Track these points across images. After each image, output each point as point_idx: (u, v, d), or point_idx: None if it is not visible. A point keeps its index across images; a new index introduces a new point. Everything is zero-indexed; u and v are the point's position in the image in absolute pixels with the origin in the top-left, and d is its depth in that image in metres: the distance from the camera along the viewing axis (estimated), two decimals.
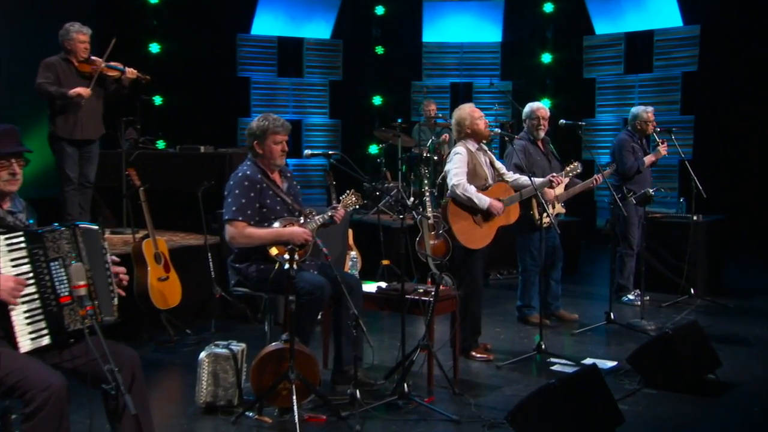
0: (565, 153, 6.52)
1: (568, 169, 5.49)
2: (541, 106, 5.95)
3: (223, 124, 10.76)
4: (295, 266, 3.71)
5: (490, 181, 5.09)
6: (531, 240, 5.79)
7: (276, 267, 4.05)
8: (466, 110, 5.09)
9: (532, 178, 5.11)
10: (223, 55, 10.99)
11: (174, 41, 10.26)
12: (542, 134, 5.92)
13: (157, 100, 10.14)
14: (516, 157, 5.55)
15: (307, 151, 4.52)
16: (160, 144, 9.15)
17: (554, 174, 5.38)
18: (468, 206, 4.90)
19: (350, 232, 6.84)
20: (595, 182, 5.84)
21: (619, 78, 11.15)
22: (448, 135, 8.80)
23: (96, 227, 2.95)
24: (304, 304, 3.98)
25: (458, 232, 4.86)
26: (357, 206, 4.57)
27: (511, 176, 5.26)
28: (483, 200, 4.90)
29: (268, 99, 11.49)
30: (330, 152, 4.57)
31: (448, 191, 4.89)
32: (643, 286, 6.11)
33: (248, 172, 4.24)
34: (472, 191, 4.87)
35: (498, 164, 5.24)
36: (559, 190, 5.67)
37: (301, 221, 4.25)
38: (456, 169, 4.88)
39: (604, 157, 7.17)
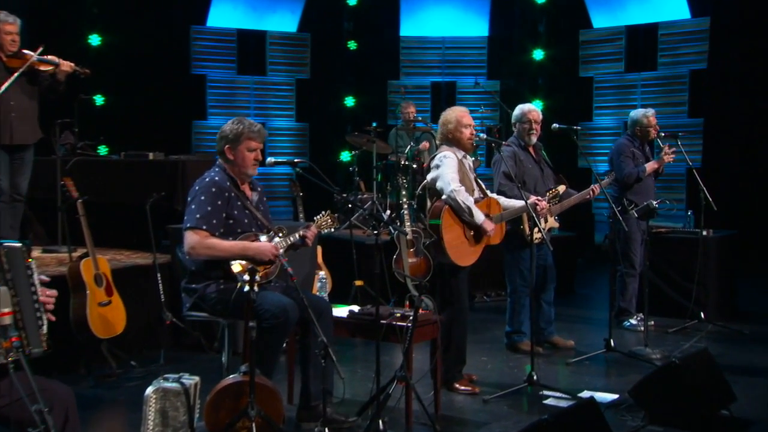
0: (559, 161, 6.58)
1: (549, 195, 5.54)
2: (533, 108, 6.01)
3: (175, 128, 10.73)
4: (256, 288, 3.71)
5: (477, 195, 5.14)
6: (521, 258, 5.83)
7: (238, 286, 4.06)
8: (455, 114, 5.15)
9: (523, 192, 5.16)
10: (175, 50, 10.97)
11: (117, 33, 10.22)
12: (534, 139, 5.98)
13: (99, 99, 10.07)
14: (504, 165, 5.60)
15: (271, 159, 4.53)
16: (102, 150, 9.09)
17: (539, 198, 5.44)
18: (462, 217, 4.94)
19: (319, 249, 6.83)
20: (591, 193, 5.91)
21: (620, 77, 11.29)
22: (428, 142, 8.85)
23: (19, 245, 2.92)
24: (267, 329, 3.98)
25: (448, 244, 4.89)
26: (332, 229, 4.60)
27: (493, 196, 5.33)
28: (479, 214, 4.96)
29: (226, 100, 11.48)
30: (296, 160, 4.59)
31: (444, 197, 4.92)
32: (646, 309, 6.17)
33: (217, 179, 4.27)
34: (471, 202, 4.93)
35: (479, 181, 5.31)
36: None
37: (271, 239, 4.27)
38: (451, 174, 4.93)
39: (603, 165, 7.25)
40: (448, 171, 4.94)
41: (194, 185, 4.31)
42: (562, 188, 5.72)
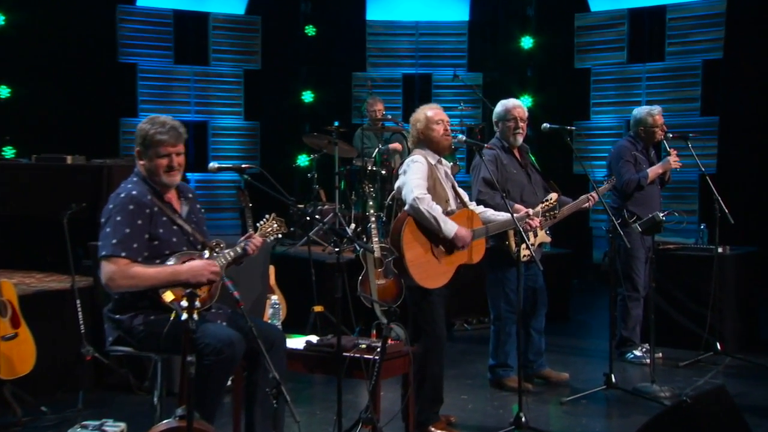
0: (551, 167, 6.63)
1: (543, 207, 5.59)
2: (517, 104, 6.08)
3: (99, 127, 10.66)
4: (195, 316, 3.69)
5: (453, 205, 5.19)
6: (506, 278, 5.88)
7: (171, 317, 4.03)
8: (424, 111, 5.26)
9: (507, 202, 5.21)
10: (99, 33, 10.89)
11: (26, 10, 10.09)
12: (519, 140, 6.04)
13: (3, 91, 9.97)
14: (485, 170, 5.64)
15: (214, 164, 4.52)
16: (8, 152, 9.01)
17: (530, 211, 5.48)
18: (429, 230, 4.99)
19: (271, 269, 6.84)
20: (589, 202, 5.97)
21: (621, 68, 11.43)
22: (400, 144, 8.90)
23: None
24: (209, 366, 3.97)
25: (411, 263, 4.93)
26: (279, 235, 4.60)
27: (475, 208, 5.39)
28: (449, 226, 5.00)
29: (160, 94, 11.45)
30: (244, 165, 4.57)
31: (407, 206, 4.98)
32: (653, 339, 6.22)
33: (134, 192, 4.22)
34: (438, 211, 4.97)
35: (460, 191, 5.37)
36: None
37: (206, 256, 4.25)
38: (417, 180, 5.00)
39: (602, 171, 7.33)
40: (413, 177, 5.01)
41: (108, 203, 4.25)
42: (554, 197, 5.77)
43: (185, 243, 4.27)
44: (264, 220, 4.54)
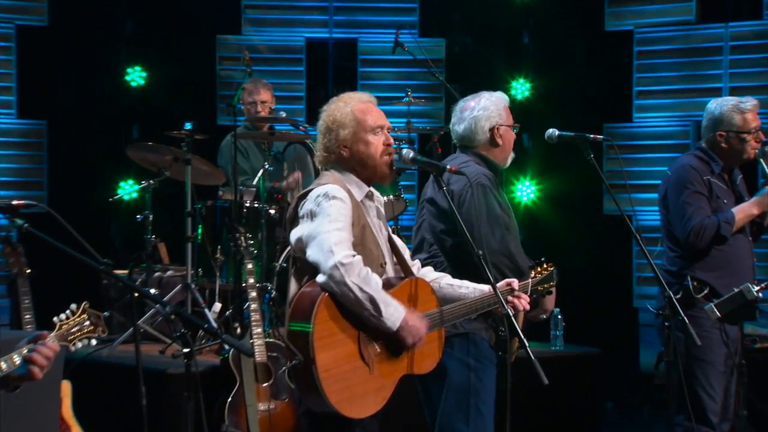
0: (561, 202, 6.65)
1: (535, 277, 5.69)
2: (501, 97, 6.16)
3: None
4: None
5: (390, 271, 5.27)
6: (482, 391, 5.88)
7: None
8: (351, 106, 5.29)
9: (485, 261, 5.25)
10: None
11: None
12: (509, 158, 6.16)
13: None
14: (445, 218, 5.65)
15: None
16: None
17: (514, 281, 5.53)
18: (355, 315, 4.99)
19: (66, 387, 6.83)
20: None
21: (687, 32, 11.67)
22: (303, 160, 8.94)
23: None
24: None
25: (325, 372, 4.92)
26: (93, 340, 4.53)
27: (421, 271, 5.49)
28: (392, 311, 5.01)
29: None
30: (16, 201, 4.53)
31: (321, 277, 4.94)
32: None
33: None
34: (376, 287, 4.98)
35: (398, 243, 5.43)
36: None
37: None
38: (336, 232, 4.99)
39: (650, 216, 7.38)
40: (330, 226, 4.99)
41: None
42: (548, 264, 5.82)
43: None
44: (67, 313, 4.44)
